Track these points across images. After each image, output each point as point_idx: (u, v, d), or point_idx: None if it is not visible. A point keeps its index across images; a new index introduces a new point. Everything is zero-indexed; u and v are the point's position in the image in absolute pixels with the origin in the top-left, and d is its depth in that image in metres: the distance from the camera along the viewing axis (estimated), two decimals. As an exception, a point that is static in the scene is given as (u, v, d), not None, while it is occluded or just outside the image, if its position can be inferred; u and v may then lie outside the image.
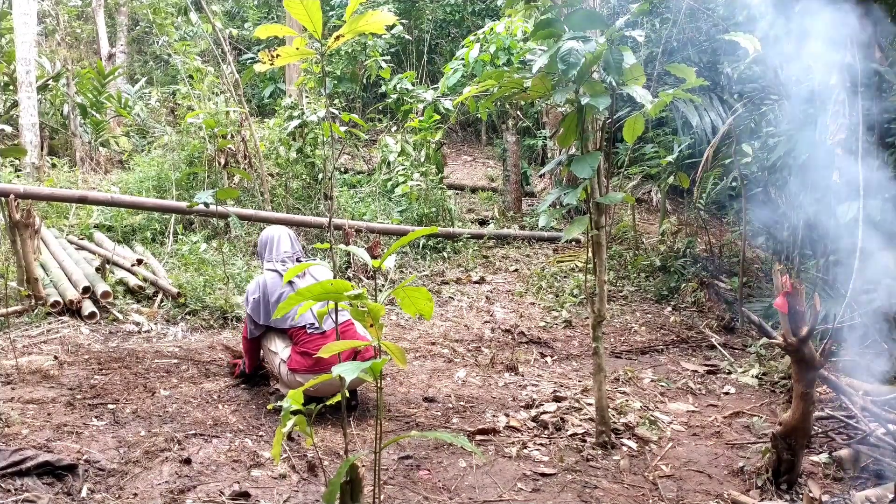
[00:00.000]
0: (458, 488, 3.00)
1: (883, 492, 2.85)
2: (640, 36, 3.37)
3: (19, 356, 4.19)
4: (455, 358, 4.84)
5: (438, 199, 7.97)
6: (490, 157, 12.78)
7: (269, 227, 4.22)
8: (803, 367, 2.92)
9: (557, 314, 5.92)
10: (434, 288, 6.44)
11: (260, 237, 4.19)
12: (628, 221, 7.89)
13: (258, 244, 4.19)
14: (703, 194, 7.07)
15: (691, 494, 3.03)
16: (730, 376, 4.63)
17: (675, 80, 7.11)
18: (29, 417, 3.37)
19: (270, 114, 11.47)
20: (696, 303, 6.12)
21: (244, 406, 3.78)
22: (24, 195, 5.56)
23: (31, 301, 5.08)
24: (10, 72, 9.60)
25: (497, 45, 8.84)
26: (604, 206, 3.44)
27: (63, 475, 2.81)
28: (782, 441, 2.98)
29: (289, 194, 7.69)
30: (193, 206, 5.43)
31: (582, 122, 3.32)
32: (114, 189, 7.83)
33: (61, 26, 13.22)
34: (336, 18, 12.43)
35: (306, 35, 2.45)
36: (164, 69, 14.76)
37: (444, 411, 3.87)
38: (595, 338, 3.44)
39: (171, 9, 11.57)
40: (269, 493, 2.85)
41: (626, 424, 3.68)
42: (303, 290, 2.07)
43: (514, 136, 8.80)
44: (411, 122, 8.34)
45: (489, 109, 8.85)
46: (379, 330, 2.18)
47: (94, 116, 10.66)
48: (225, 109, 7.60)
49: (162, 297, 5.56)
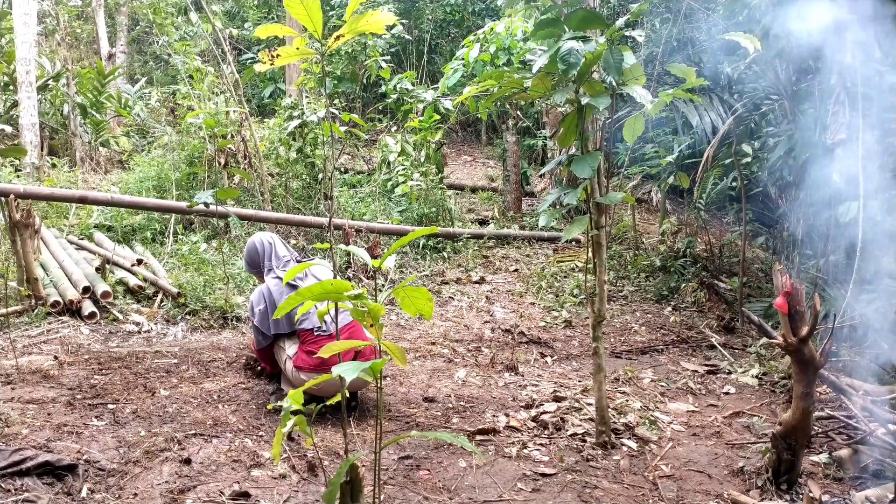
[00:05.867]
0: (458, 488, 3.00)
1: (883, 492, 2.85)
2: (640, 36, 3.38)
3: (19, 356, 4.19)
4: (455, 358, 4.84)
5: (438, 199, 7.97)
6: (490, 157, 12.79)
7: (254, 237, 4.06)
8: (803, 367, 2.92)
9: (557, 314, 5.92)
10: (434, 288, 6.44)
11: (249, 249, 4.02)
12: (628, 221, 7.89)
13: (249, 257, 4.03)
14: (703, 194, 7.07)
15: (691, 494, 3.03)
16: (730, 376, 4.63)
17: (675, 80, 7.12)
18: (29, 417, 3.37)
19: (270, 114, 11.47)
20: (696, 303, 6.12)
21: (244, 406, 3.78)
22: (24, 195, 5.56)
23: (31, 301, 5.08)
24: (10, 72, 9.60)
25: (497, 45, 8.84)
26: (604, 206, 3.44)
27: (63, 475, 2.81)
28: (782, 441, 2.98)
29: (289, 194, 7.69)
30: (193, 206, 5.43)
31: (582, 122, 3.33)
32: (114, 189, 7.83)
33: (61, 26, 13.22)
34: (336, 18, 12.43)
35: (306, 35, 2.45)
36: (164, 69, 14.76)
37: (444, 411, 3.87)
38: (595, 338, 3.44)
39: (171, 9, 11.58)
40: (269, 493, 2.85)
41: (626, 424, 3.68)
42: (303, 290, 2.07)
43: (514, 136, 8.80)
44: (411, 122, 8.34)
45: (489, 109, 8.85)
46: (379, 330, 2.18)
47: (94, 116, 10.66)
48: (225, 109, 7.59)
49: (162, 297, 5.56)
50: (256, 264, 4.03)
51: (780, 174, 5.82)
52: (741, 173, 5.88)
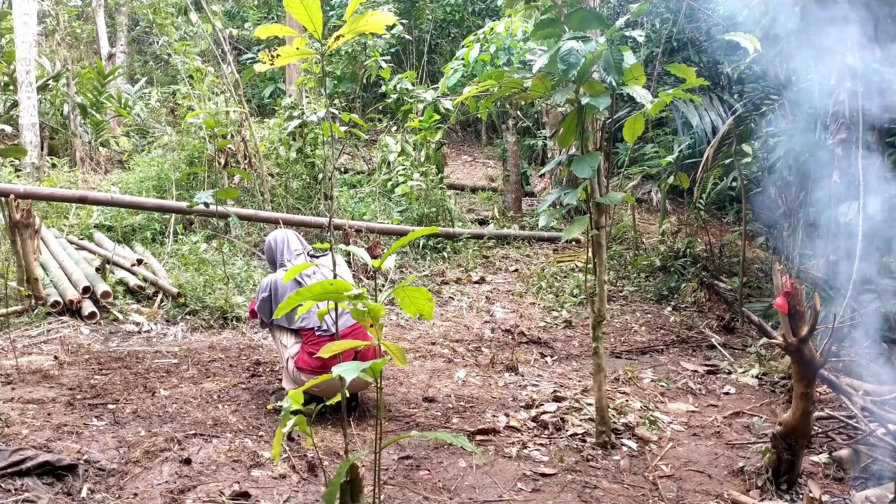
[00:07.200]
0: (458, 488, 3.00)
1: (883, 492, 2.85)
2: (640, 36, 3.37)
3: (19, 356, 4.19)
4: (455, 358, 4.84)
5: (438, 199, 7.97)
6: (490, 157, 12.78)
7: (270, 234, 4.21)
8: (803, 367, 2.92)
9: (557, 314, 5.92)
10: (434, 288, 6.44)
11: (265, 246, 4.16)
12: (628, 221, 7.89)
13: (266, 254, 4.16)
14: (703, 194, 7.07)
15: (691, 494, 3.03)
16: (730, 376, 4.63)
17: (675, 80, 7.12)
18: (29, 417, 3.37)
19: (270, 114, 11.47)
20: (696, 303, 6.12)
21: (244, 406, 3.78)
22: (24, 195, 5.56)
23: (31, 301, 5.08)
24: (10, 72, 9.60)
25: (497, 45, 8.85)
26: (604, 206, 3.44)
27: (63, 475, 2.81)
28: (782, 441, 2.98)
29: (289, 194, 7.69)
30: (193, 206, 5.43)
31: (582, 122, 3.32)
32: (114, 189, 7.83)
33: (61, 26, 13.20)
34: (336, 18, 12.43)
35: (306, 35, 2.45)
36: (164, 69, 14.77)
37: (444, 411, 3.87)
38: (595, 338, 3.44)
39: (171, 9, 11.57)
40: (269, 493, 2.85)
41: (626, 424, 3.68)
42: (303, 290, 2.07)
43: (514, 136, 8.80)
44: (411, 122, 8.34)
45: (489, 109, 8.86)
46: (379, 330, 2.18)
47: (94, 116, 10.66)
48: (225, 109, 7.60)
49: (162, 297, 5.56)
50: (273, 260, 4.11)
51: (780, 174, 5.82)
52: (741, 173, 5.88)
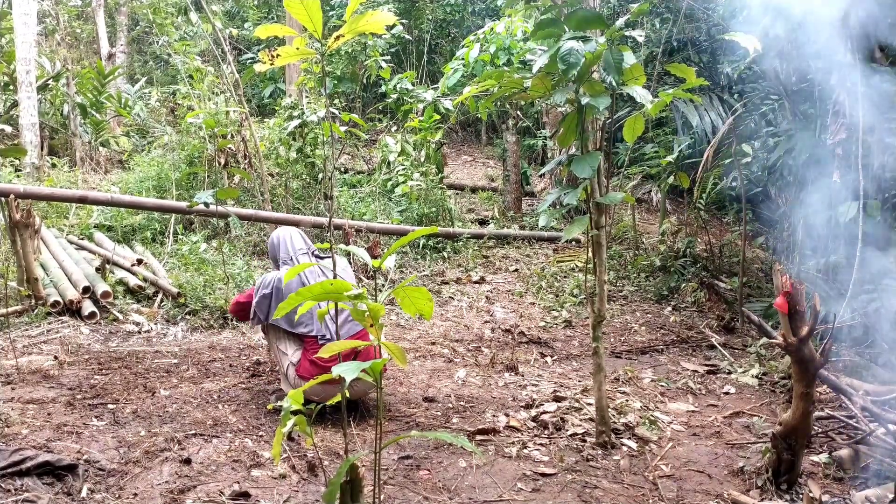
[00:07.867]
0: (458, 488, 3.00)
1: (883, 492, 2.85)
2: (640, 36, 3.37)
3: (19, 356, 4.19)
4: (455, 358, 4.84)
5: (438, 199, 7.97)
6: (490, 157, 12.78)
7: (273, 232, 4.17)
8: (803, 367, 2.92)
9: (557, 314, 5.92)
10: (434, 288, 6.44)
11: (269, 245, 4.13)
12: (628, 221, 7.89)
13: (269, 252, 4.13)
14: (703, 194, 7.07)
15: (691, 494, 3.03)
16: (730, 376, 4.62)
17: (675, 80, 7.13)
18: (29, 417, 3.37)
19: (270, 114, 11.47)
20: (696, 303, 6.12)
21: (244, 406, 3.78)
22: (24, 195, 5.56)
23: (31, 301, 5.08)
24: (10, 72, 9.60)
25: (497, 45, 8.85)
26: (604, 206, 3.44)
27: (63, 475, 2.81)
28: (782, 441, 2.98)
29: (289, 194, 7.69)
30: (193, 206, 5.43)
31: (582, 122, 3.32)
32: (114, 189, 7.83)
33: (61, 26, 13.21)
34: (336, 18, 12.42)
35: (306, 35, 2.45)
36: (164, 69, 14.76)
37: (444, 411, 3.87)
38: (595, 338, 3.44)
39: (171, 9, 11.57)
40: (269, 493, 2.85)
41: (626, 424, 3.68)
42: (303, 290, 2.07)
43: (514, 136, 8.80)
44: (411, 122, 8.34)
45: (489, 109, 8.86)
46: (379, 330, 2.18)
47: (94, 116, 10.66)
48: (225, 109, 7.60)
49: (162, 297, 5.56)
50: (275, 258, 4.07)
51: (780, 174, 5.82)
52: (741, 173, 5.88)
